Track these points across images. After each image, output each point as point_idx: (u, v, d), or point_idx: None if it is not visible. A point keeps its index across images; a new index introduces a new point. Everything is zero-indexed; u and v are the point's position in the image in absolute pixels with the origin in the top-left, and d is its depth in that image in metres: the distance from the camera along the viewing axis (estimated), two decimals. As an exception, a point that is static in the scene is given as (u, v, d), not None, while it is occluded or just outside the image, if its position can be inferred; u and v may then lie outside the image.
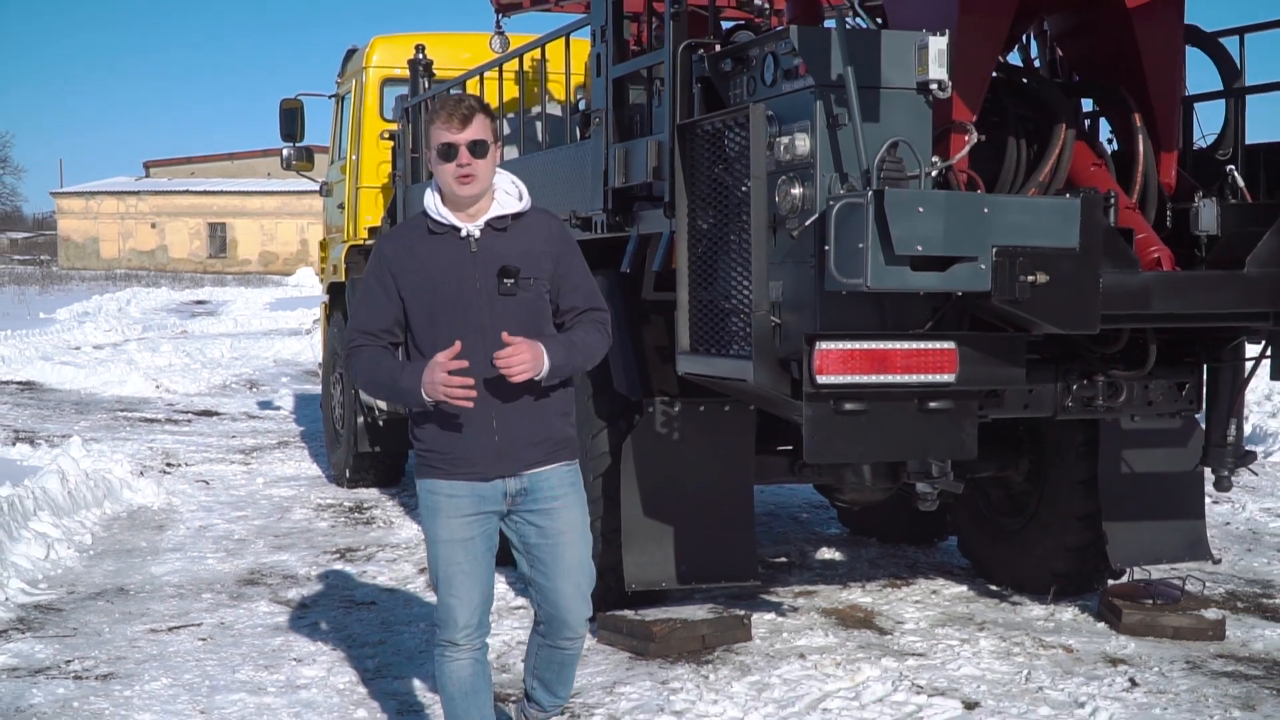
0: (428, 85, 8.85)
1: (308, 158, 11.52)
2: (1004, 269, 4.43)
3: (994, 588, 6.90)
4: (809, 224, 4.58)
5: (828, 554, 7.80)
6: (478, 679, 3.94)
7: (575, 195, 6.25)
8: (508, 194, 3.89)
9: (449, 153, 3.77)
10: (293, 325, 27.03)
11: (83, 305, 32.70)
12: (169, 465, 11.00)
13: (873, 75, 4.57)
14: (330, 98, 11.47)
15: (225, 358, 20.68)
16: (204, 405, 15.48)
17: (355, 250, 10.14)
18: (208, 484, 10.23)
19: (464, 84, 7.64)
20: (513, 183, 3.93)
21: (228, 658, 5.74)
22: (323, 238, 12.01)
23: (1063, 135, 5.42)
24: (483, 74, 7.58)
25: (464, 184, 3.78)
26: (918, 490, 5.28)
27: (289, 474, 10.83)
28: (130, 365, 18.64)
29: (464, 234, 3.82)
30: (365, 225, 10.12)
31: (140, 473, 10.08)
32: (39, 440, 11.72)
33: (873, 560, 7.62)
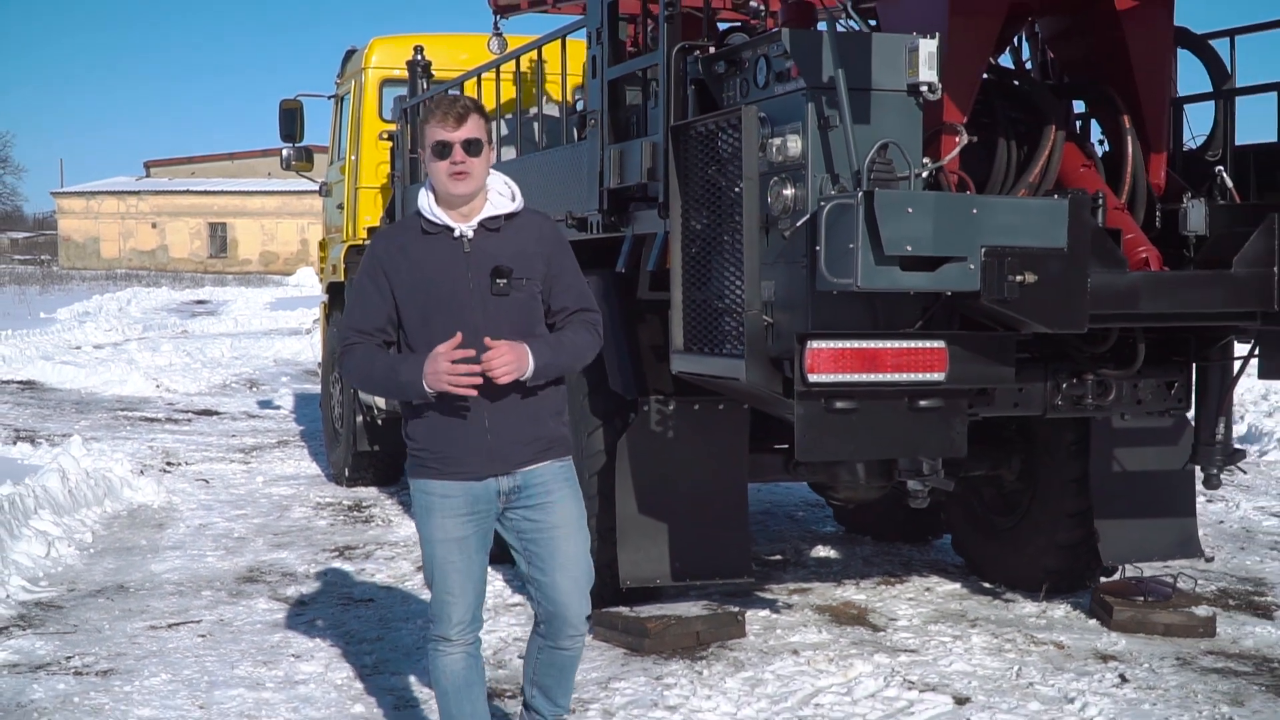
0: (426, 86, 8.88)
1: (307, 158, 11.57)
2: (993, 269, 4.47)
3: (987, 585, 6.95)
4: (800, 224, 4.63)
5: (823, 552, 7.84)
6: (471, 673, 3.99)
7: (571, 196, 6.29)
8: (501, 195, 3.91)
9: (443, 151, 3.80)
10: (293, 325, 27.06)
11: (83, 305, 32.73)
12: (169, 464, 11.04)
13: (864, 77, 4.61)
14: (329, 98, 11.51)
15: (225, 357, 20.73)
16: (204, 405, 15.52)
17: (354, 250, 10.16)
18: (207, 483, 10.27)
19: (462, 85, 7.68)
20: (506, 183, 3.96)
21: (227, 654, 5.78)
22: (322, 238, 12.04)
23: (1052, 137, 5.47)
24: (480, 75, 7.62)
25: (458, 181, 3.80)
26: (909, 488, 5.32)
27: (288, 473, 10.88)
28: (131, 365, 18.67)
29: (457, 234, 3.84)
30: (364, 225, 10.17)
31: (140, 471, 10.13)
32: (40, 439, 11.77)
33: (867, 558, 7.67)
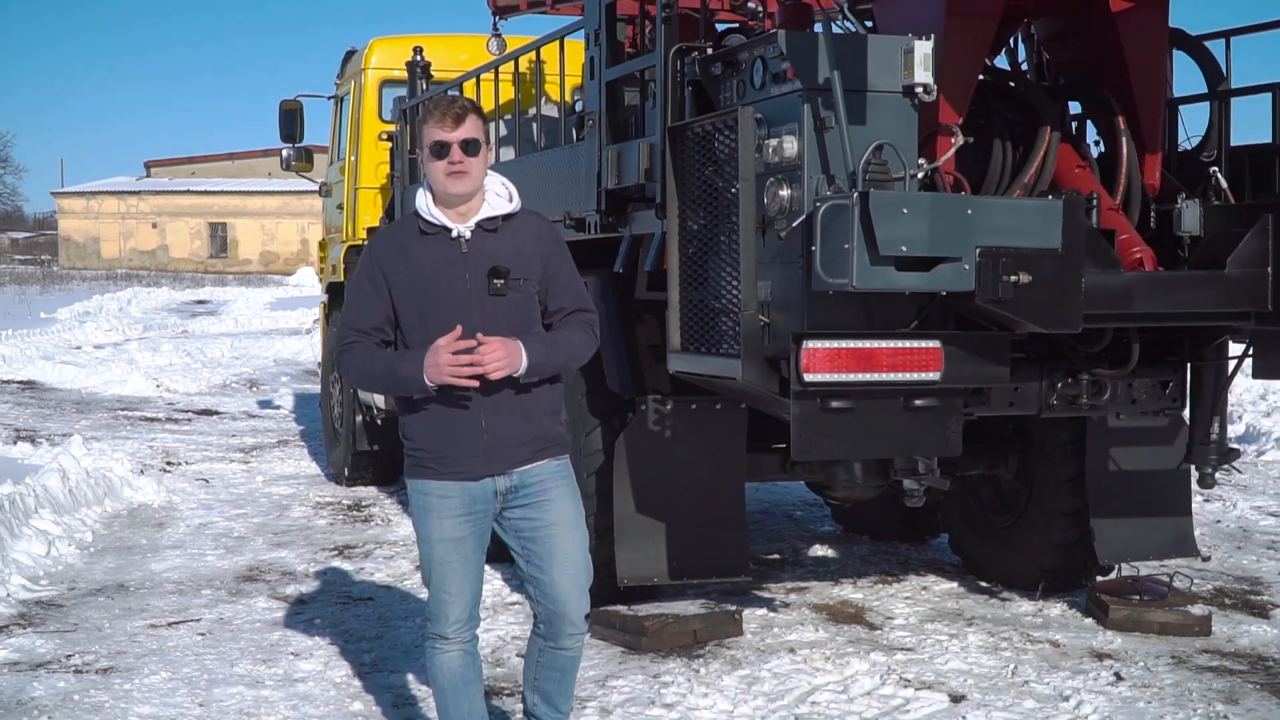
0: (425, 87, 8.91)
1: (307, 158, 11.59)
2: (987, 269, 4.50)
3: (984, 584, 6.98)
4: (796, 225, 4.65)
5: (820, 551, 7.87)
6: (468, 670, 4.01)
7: (570, 196, 6.31)
8: (498, 195, 3.93)
9: (441, 150, 3.82)
10: (293, 325, 27.09)
11: (83, 305, 32.75)
12: (169, 464, 11.07)
13: (859, 79, 4.64)
14: (329, 99, 11.54)
15: (225, 357, 20.75)
16: (204, 404, 15.55)
17: (354, 250, 10.19)
18: (207, 482, 10.30)
19: (461, 86, 7.70)
20: (503, 184, 3.97)
21: (226, 652, 5.81)
22: (322, 238, 12.08)
23: (1048, 138, 5.50)
24: (479, 76, 7.65)
25: (455, 181, 3.82)
26: (904, 487, 5.34)
27: (288, 472, 10.91)
28: (131, 365, 18.69)
29: (455, 234, 3.86)
30: (364, 225, 10.20)
31: (141, 471, 10.16)
32: (40, 439, 11.79)
33: (865, 557, 7.70)
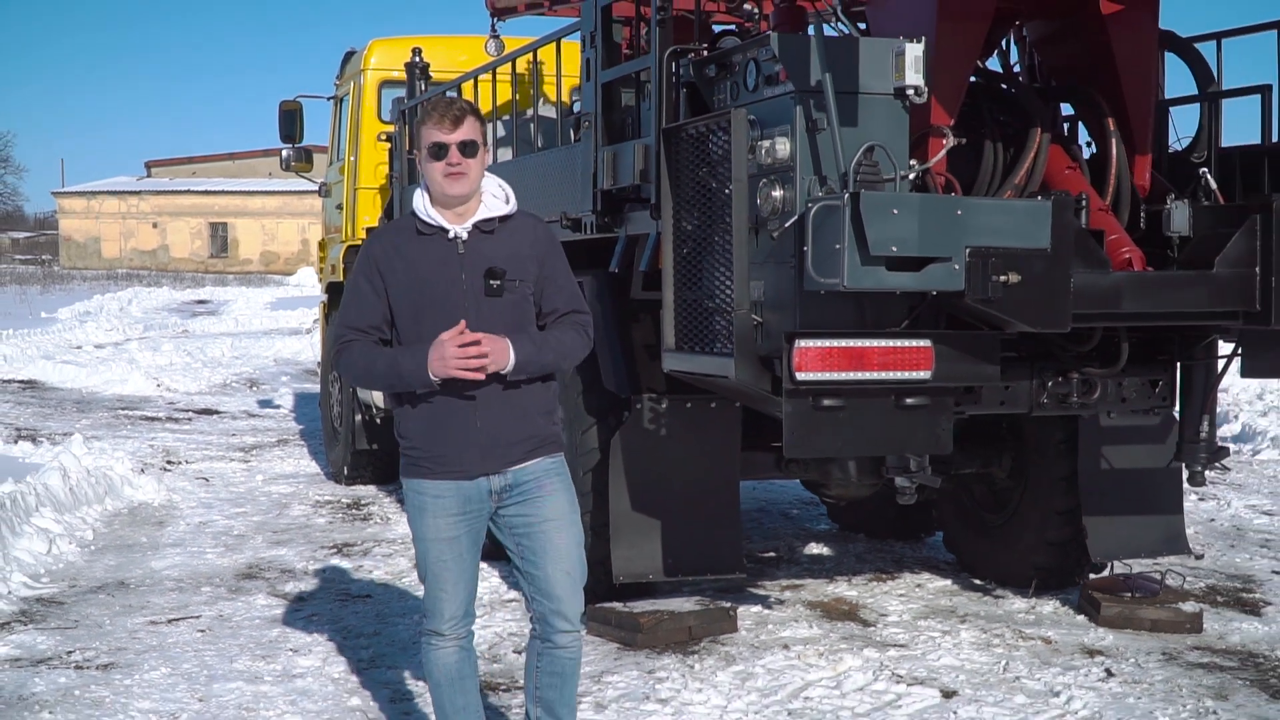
0: (424, 88, 8.96)
1: (307, 158, 11.64)
2: (977, 269, 4.55)
3: (977, 581, 7.03)
4: (789, 225, 4.71)
5: (815, 549, 7.92)
6: (464, 666, 4.05)
7: (566, 197, 6.36)
8: (495, 197, 3.97)
9: (439, 152, 3.86)
10: (293, 325, 27.14)
11: (84, 305, 32.80)
12: (169, 462, 11.12)
13: (851, 81, 4.69)
14: (329, 99, 11.59)
15: (226, 357, 20.81)
16: (204, 404, 15.60)
17: (353, 250, 10.23)
18: (208, 481, 10.35)
19: (460, 87, 7.75)
20: (500, 186, 4.01)
21: (226, 648, 5.86)
22: (322, 238, 12.13)
23: (1038, 139, 5.55)
24: (477, 77, 7.69)
25: (453, 182, 3.86)
26: (896, 484, 5.39)
27: (288, 471, 10.96)
28: (131, 364, 18.74)
29: (451, 235, 3.90)
30: (363, 225, 10.24)
31: (141, 470, 10.21)
32: (41, 438, 11.84)
33: (859, 555, 7.75)
